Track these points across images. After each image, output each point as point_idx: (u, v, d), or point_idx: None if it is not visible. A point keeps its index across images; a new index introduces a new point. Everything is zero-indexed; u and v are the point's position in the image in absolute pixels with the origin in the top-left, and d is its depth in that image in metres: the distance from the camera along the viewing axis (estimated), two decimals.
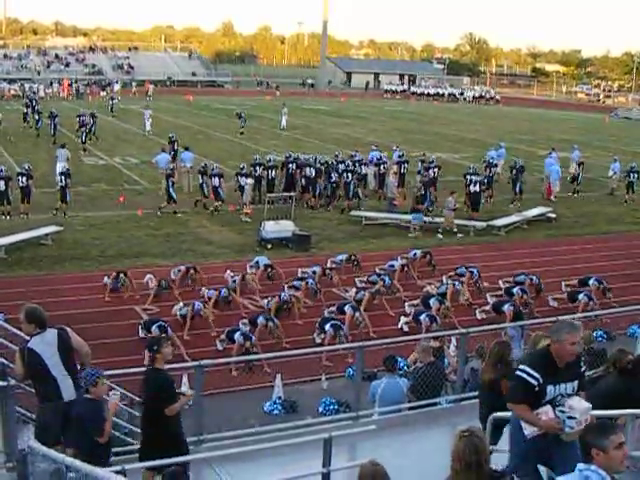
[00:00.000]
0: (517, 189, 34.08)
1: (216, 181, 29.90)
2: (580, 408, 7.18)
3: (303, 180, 32.29)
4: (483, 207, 31.00)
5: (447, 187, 33.27)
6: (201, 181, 30.51)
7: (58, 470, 7.23)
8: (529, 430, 7.50)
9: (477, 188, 30.55)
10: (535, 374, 7.24)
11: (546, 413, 7.28)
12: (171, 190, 29.28)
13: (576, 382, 7.46)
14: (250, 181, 29.94)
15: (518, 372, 7.43)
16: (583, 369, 7.64)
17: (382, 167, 34.20)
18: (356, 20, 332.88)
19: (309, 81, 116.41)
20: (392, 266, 22.65)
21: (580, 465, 5.71)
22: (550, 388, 7.30)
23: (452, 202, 28.23)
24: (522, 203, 33.11)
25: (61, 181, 28.36)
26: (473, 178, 31.12)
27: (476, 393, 10.51)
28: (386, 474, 6.29)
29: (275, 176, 32.15)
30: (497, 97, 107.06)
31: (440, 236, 27.96)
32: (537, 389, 7.26)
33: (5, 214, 27.28)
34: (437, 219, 28.88)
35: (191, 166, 33.44)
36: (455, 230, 28.26)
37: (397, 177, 33.20)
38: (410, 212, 29.00)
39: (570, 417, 7.15)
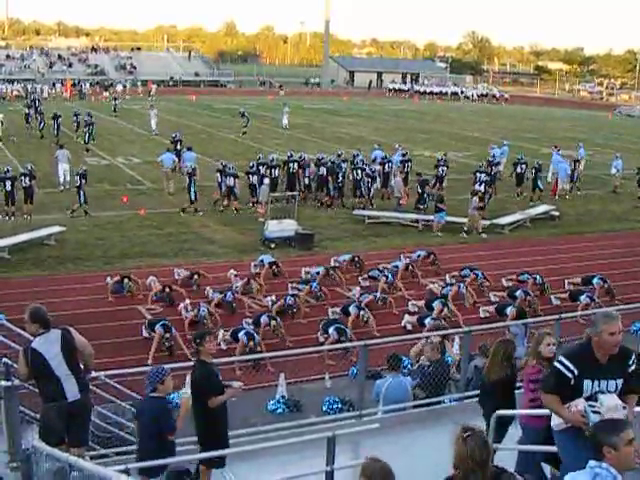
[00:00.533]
0: (538, 187, 34.51)
1: (231, 181, 30.01)
2: (608, 404, 6.95)
3: (306, 180, 32.41)
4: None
5: (452, 185, 33.49)
6: (220, 180, 30.58)
7: (62, 469, 7.24)
8: (556, 421, 7.40)
9: (482, 188, 30.59)
10: (571, 366, 7.08)
11: (576, 406, 7.09)
12: (192, 189, 29.41)
13: (620, 380, 7.18)
14: (267, 181, 29.93)
15: (555, 362, 7.30)
16: (632, 367, 7.26)
17: (387, 166, 34.16)
18: (358, 19, 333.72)
19: (314, 80, 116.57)
20: (396, 267, 22.66)
21: (591, 462, 5.70)
22: (587, 383, 7.11)
23: (476, 201, 28.30)
24: (538, 199, 33.80)
25: (77, 181, 28.45)
26: (482, 177, 31.34)
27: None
28: (392, 471, 6.31)
29: (278, 175, 32.13)
30: (506, 96, 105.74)
31: (465, 235, 28.07)
32: (572, 382, 7.09)
33: (9, 215, 27.30)
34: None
35: (193, 166, 33.50)
36: (480, 231, 28.34)
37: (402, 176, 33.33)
38: (434, 211, 28.82)
39: (595, 412, 6.94)
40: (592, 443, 5.86)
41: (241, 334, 16.41)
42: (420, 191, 30.90)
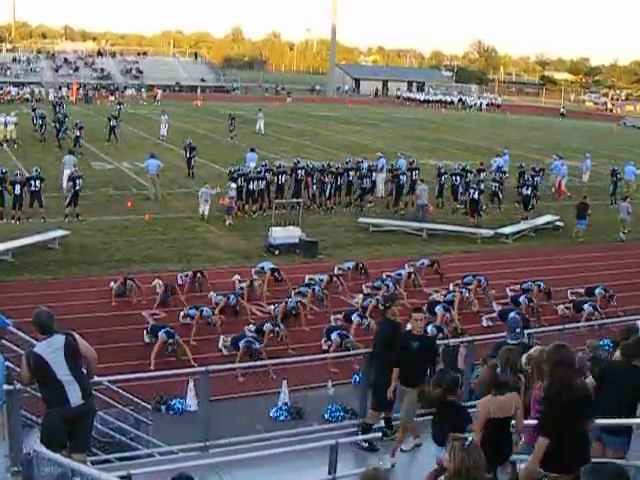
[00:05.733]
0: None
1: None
2: None
3: (314, 187, 32.55)
4: (491, 215, 31.06)
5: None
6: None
7: (63, 474, 7.23)
8: None
9: (529, 191, 32.61)
10: None
11: None
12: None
13: None
14: (234, 185, 30.05)
15: None
16: None
17: (414, 173, 34.65)
18: (365, 27, 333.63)
19: (346, 87, 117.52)
20: (400, 275, 22.65)
21: None
22: None
23: (627, 207, 30.11)
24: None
25: (74, 186, 28.43)
26: (527, 182, 33.50)
27: None
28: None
29: (285, 182, 32.21)
30: (563, 111, 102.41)
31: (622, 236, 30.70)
32: None
33: (16, 218, 27.32)
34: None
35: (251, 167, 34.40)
36: (624, 233, 30.63)
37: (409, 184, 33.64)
38: (576, 218, 30.17)
39: None
40: None
41: (242, 343, 16.39)
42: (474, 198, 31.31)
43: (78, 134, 44.08)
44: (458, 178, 34.57)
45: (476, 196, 30.93)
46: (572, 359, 7.72)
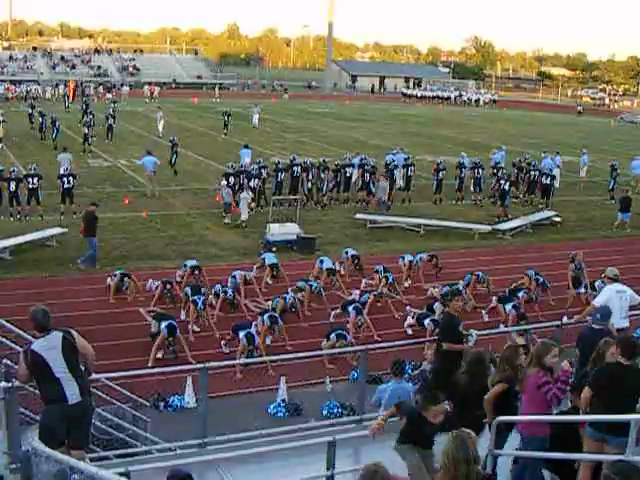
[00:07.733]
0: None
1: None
2: None
3: (309, 184, 32.58)
4: (487, 210, 31.09)
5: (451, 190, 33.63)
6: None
7: (62, 471, 7.22)
8: None
9: (548, 181, 34.20)
10: None
11: None
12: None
13: None
14: (224, 182, 30.00)
15: None
16: None
17: (410, 169, 35.14)
18: (361, 23, 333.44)
19: (346, 83, 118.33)
20: (403, 258, 23.07)
21: None
22: None
23: None
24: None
25: (63, 184, 28.35)
26: (547, 173, 34.59)
27: None
28: (390, 477, 6.30)
29: (283, 179, 32.21)
30: (580, 109, 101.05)
31: None
32: None
33: (14, 215, 27.36)
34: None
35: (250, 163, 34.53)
36: None
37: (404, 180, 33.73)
38: (620, 211, 31.22)
39: None
40: None
41: (241, 335, 16.34)
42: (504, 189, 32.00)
43: (86, 132, 43.94)
44: (480, 171, 35.39)
45: (506, 187, 31.79)
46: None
